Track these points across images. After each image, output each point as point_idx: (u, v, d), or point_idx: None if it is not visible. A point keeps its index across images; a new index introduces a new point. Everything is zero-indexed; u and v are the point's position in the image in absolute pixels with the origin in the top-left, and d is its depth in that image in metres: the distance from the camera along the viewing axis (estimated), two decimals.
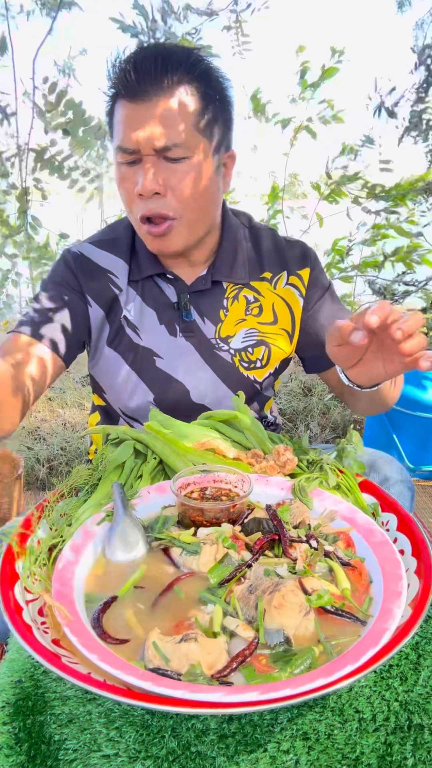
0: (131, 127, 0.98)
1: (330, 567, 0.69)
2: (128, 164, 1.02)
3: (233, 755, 0.55)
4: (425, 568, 0.69)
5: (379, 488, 0.89)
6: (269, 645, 0.59)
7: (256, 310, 1.18)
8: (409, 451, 2.47)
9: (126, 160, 1.01)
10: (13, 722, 0.59)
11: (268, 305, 1.19)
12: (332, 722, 0.58)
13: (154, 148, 0.97)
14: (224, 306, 1.17)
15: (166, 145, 0.97)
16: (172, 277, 1.16)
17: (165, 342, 1.16)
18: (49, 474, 2.59)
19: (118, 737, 0.56)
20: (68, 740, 0.57)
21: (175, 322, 1.17)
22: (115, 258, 1.17)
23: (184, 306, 1.16)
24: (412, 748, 0.57)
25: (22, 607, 0.64)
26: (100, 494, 0.85)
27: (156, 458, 0.92)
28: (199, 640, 0.57)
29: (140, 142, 0.97)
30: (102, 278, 1.17)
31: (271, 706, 0.50)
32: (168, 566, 0.72)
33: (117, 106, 1.01)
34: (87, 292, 1.16)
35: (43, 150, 2.53)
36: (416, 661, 0.63)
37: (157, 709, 0.51)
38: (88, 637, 0.58)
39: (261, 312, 1.19)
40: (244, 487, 0.82)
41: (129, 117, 0.98)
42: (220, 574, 0.67)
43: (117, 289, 1.17)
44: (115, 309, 1.17)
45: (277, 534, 0.73)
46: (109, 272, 1.17)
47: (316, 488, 0.86)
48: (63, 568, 0.69)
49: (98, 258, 1.18)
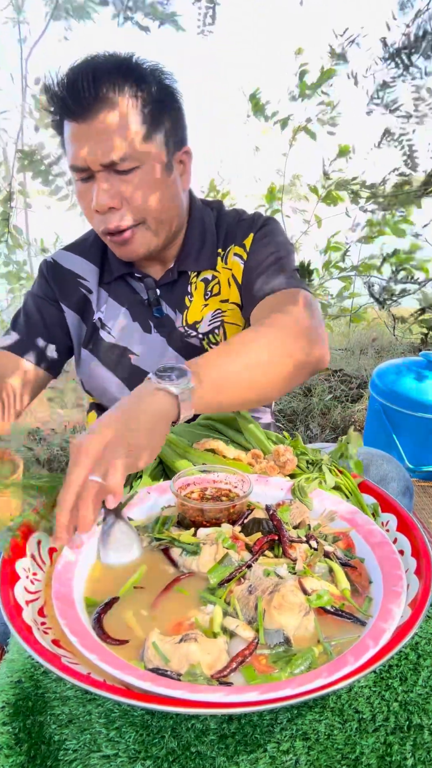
0: (77, 146, 0.98)
1: (330, 567, 0.69)
2: (83, 181, 1.02)
3: (233, 755, 0.55)
4: (425, 569, 0.69)
5: (378, 489, 0.89)
6: (269, 645, 0.59)
7: (216, 288, 1.18)
8: (409, 451, 2.47)
9: (80, 177, 1.02)
10: (13, 722, 0.59)
11: (224, 281, 1.18)
12: (332, 722, 0.58)
13: (101, 163, 0.98)
14: (189, 292, 1.18)
15: (112, 160, 0.97)
16: (140, 276, 1.18)
17: (139, 339, 1.18)
18: None
19: (118, 737, 0.56)
20: (68, 740, 0.57)
21: (148, 318, 1.18)
22: (85, 261, 1.21)
23: (155, 302, 1.17)
24: (411, 748, 0.57)
25: (22, 608, 0.64)
26: None
27: (156, 458, 0.92)
28: (199, 641, 0.57)
29: (87, 160, 0.98)
30: (72, 282, 1.20)
31: (270, 706, 0.50)
32: (168, 566, 0.72)
33: (65, 125, 1.01)
34: (60, 299, 1.20)
35: (31, 152, 2.53)
36: (416, 661, 0.63)
37: (156, 710, 0.51)
38: (87, 638, 0.58)
39: (220, 291, 1.18)
40: (244, 487, 0.82)
41: (74, 135, 0.99)
42: (220, 574, 0.67)
43: (87, 292, 1.20)
44: (88, 311, 1.21)
45: (277, 534, 0.73)
46: (78, 276, 1.20)
47: (315, 489, 0.86)
48: (63, 568, 0.69)
49: (69, 263, 1.21)
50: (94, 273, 1.20)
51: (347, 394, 3.38)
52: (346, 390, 3.41)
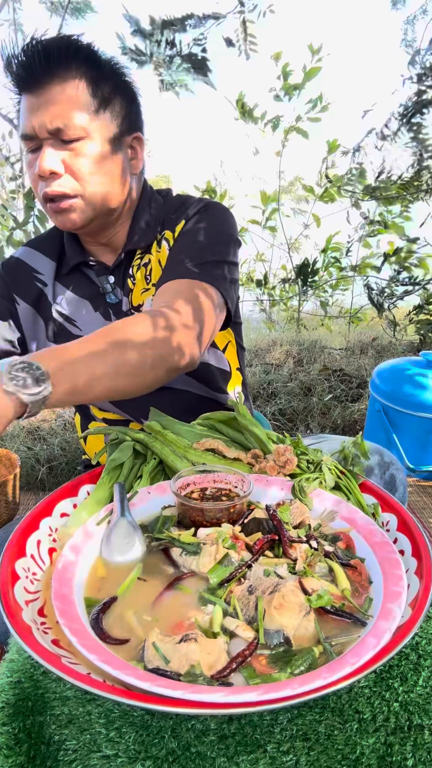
0: (28, 115, 1.03)
1: (330, 567, 0.69)
2: (32, 152, 1.07)
3: (233, 756, 0.55)
4: (425, 569, 0.69)
5: (379, 488, 0.89)
6: (269, 645, 0.59)
7: (151, 273, 1.19)
8: (409, 451, 2.47)
9: (29, 147, 1.07)
10: (13, 723, 0.59)
11: (155, 266, 1.19)
12: (332, 723, 0.58)
13: (47, 130, 1.02)
14: (131, 274, 1.20)
15: (58, 126, 1.02)
16: (93, 263, 1.20)
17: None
18: (49, 474, 2.59)
19: (118, 738, 0.56)
20: (68, 741, 0.57)
21: (108, 307, 1.21)
22: (41, 255, 1.24)
23: (106, 288, 1.19)
24: (412, 748, 0.57)
25: (22, 608, 0.64)
26: (100, 494, 0.85)
27: (156, 458, 0.92)
28: (199, 641, 0.57)
29: (35, 128, 1.02)
30: (26, 276, 1.23)
31: (271, 706, 0.50)
32: (168, 566, 0.72)
33: (22, 100, 1.06)
34: (13, 291, 1.23)
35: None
36: (416, 661, 0.63)
37: (156, 710, 0.51)
38: (87, 638, 0.58)
39: (151, 275, 1.19)
40: (244, 487, 0.82)
41: (27, 107, 1.04)
42: (220, 574, 0.67)
43: (41, 285, 1.23)
44: (44, 304, 1.23)
45: (277, 534, 0.73)
46: (33, 269, 1.23)
47: (316, 488, 0.86)
48: (63, 568, 0.69)
49: (27, 257, 1.25)
50: (50, 267, 1.23)
51: (347, 393, 3.38)
52: (346, 390, 3.41)
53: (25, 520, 0.79)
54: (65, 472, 2.60)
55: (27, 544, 0.75)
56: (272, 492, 0.86)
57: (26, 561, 0.73)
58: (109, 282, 1.19)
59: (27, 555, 0.74)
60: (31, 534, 0.77)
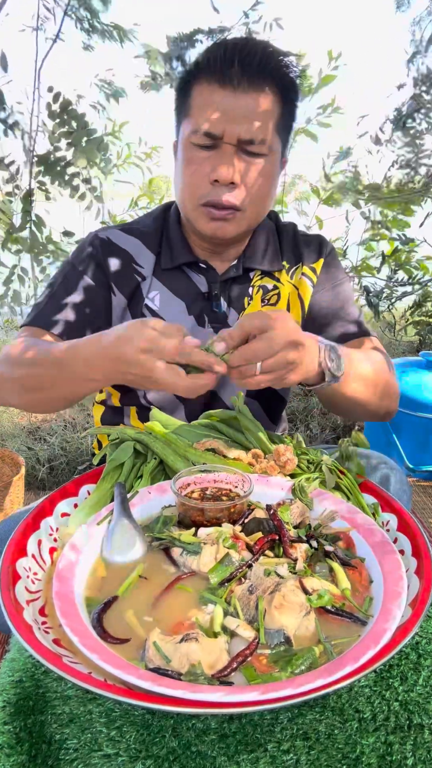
0: (220, 114, 0.98)
1: (330, 567, 0.69)
2: (202, 147, 1.02)
3: (234, 755, 0.55)
4: (425, 569, 0.69)
5: (379, 488, 0.89)
6: (269, 645, 0.59)
7: (274, 298, 1.20)
8: (409, 452, 2.47)
9: (203, 143, 1.01)
10: (14, 722, 0.59)
11: (285, 294, 1.20)
12: (332, 722, 0.58)
13: (239, 138, 0.99)
14: (249, 294, 1.19)
15: (251, 138, 0.99)
16: (205, 267, 1.17)
17: (191, 333, 1.17)
18: (50, 474, 2.59)
19: (119, 737, 0.56)
20: (69, 740, 0.57)
21: (205, 312, 1.17)
22: (143, 247, 1.18)
23: (215, 296, 1.16)
24: (412, 747, 0.57)
25: (23, 607, 0.64)
26: (100, 494, 0.85)
27: (156, 458, 0.92)
28: (200, 640, 0.57)
29: (226, 130, 0.98)
30: (127, 267, 1.17)
31: (271, 706, 0.50)
32: (168, 566, 0.72)
33: (200, 87, 1.01)
34: (112, 281, 1.16)
35: (47, 155, 2.58)
36: (416, 661, 0.63)
37: (157, 709, 0.51)
38: (88, 637, 0.58)
39: (278, 300, 1.20)
40: (245, 487, 0.82)
41: (220, 103, 0.98)
42: (221, 574, 0.67)
43: (140, 278, 1.17)
44: (137, 297, 1.18)
45: (278, 534, 0.73)
46: (135, 261, 1.17)
47: (316, 488, 0.86)
48: (63, 568, 0.69)
49: (130, 247, 1.18)
50: (151, 260, 1.18)
51: None
52: None
53: (26, 520, 0.79)
54: (65, 472, 2.60)
55: (28, 544, 0.76)
56: (273, 492, 0.86)
57: (27, 561, 0.73)
58: (218, 289, 1.17)
59: (28, 555, 0.74)
60: (31, 534, 0.78)
